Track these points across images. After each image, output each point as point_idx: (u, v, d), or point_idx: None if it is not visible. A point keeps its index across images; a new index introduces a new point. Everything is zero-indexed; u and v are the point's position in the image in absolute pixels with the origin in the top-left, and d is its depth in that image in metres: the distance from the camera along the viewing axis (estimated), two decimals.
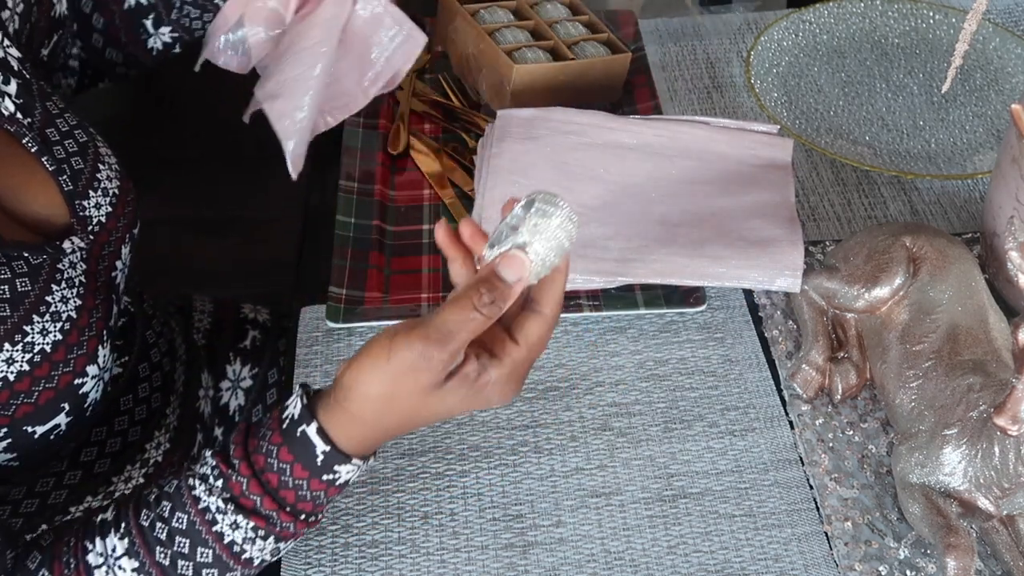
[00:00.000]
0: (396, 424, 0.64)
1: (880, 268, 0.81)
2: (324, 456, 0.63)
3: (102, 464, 0.83)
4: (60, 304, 0.70)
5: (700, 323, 0.89)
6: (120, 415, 0.84)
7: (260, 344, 1.07)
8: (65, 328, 0.70)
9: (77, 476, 0.81)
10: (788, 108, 1.09)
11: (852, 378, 0.82)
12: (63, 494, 0.80)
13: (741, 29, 1.21)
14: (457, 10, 1.07)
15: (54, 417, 0.71)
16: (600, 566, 0.74)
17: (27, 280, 0.69)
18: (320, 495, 0.65)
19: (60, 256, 0.72)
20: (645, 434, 0.81)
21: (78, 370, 0.72)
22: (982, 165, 1.02)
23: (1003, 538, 0.73)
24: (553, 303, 0.63)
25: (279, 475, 0.64)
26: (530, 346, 0.63)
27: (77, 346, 0.71)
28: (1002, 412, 0.65)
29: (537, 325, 0.63)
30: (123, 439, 0.84)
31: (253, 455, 0.65)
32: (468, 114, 1.07)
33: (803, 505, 0.77)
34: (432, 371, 0.60)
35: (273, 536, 0.65)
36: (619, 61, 1.05)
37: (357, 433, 0.64)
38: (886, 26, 1.20)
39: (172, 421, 0.90)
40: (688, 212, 0.91)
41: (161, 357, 0.90)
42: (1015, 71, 1.12)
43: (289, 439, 0.64)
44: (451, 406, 0.63)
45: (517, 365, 0.63)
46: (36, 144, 0.73)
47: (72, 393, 0.72)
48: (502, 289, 0.60)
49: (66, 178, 0.74)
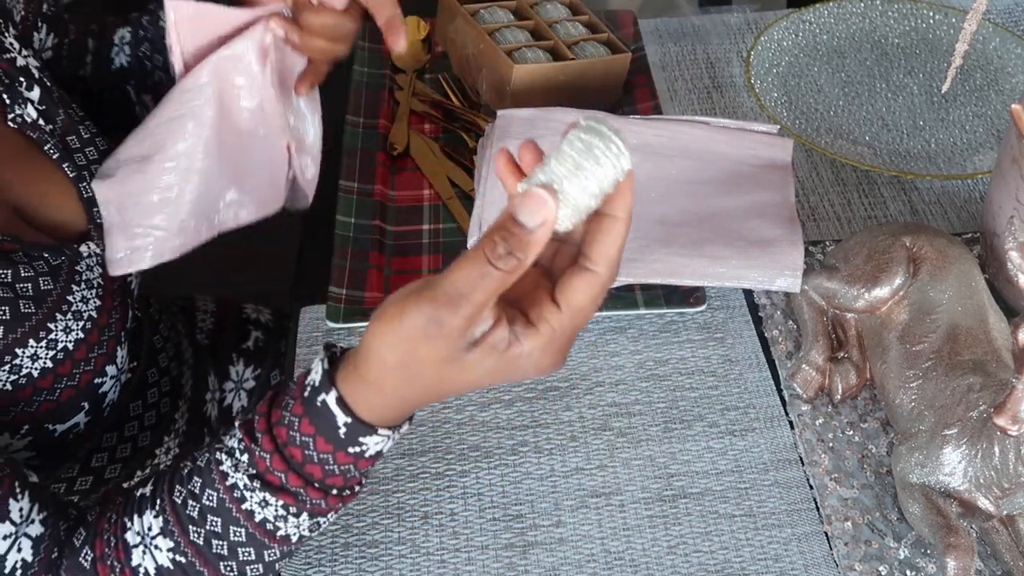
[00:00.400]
0: (419, 395, 0.57)
1: (880, 268, 0.81)
2: (347, 428, 0.57)
3: (113, 470, 0.83)
4: (81, 304, 0.71)
5: (700, 323, 0.89)
6: (130, 420, 0.85)
7: (263, 345, 1.07)
8: (87, 327, 0.71)
9: (88, 482, 0.81)
10: (788, 108, 1.09)
11: (852, 378, 0.82)
12: (75, 499, 0.81)
13: (741, 29, 1.21)
14: (457, 10, 1.07)
15: (74, 416, 0.72)
16: (600, 566, 0.74)
17: (49, 279, 0.70)
18: (350, 468, 0.60)
19: (77, 259, 0.73)
20: (645, 434, 0.81)
21: (98, 369, 0.73)
22: (982, 165, 1.02)
23: (1003, 538, 0.73)
24: (606, 259, 0.52)
25: (302, 449, 0.59)
26: (573, 312, 0.52)
27: (98, 345, 0.72)
28: (1002, 412, 0.65)
29: (585, 285, 0.52)
30: (133, 444, 0.85)
31: (276, 427, 0.60)
32: (468, 114, 1.07)
33: (803, 505, 0.77)
34: (447, 338, 0.52)
35: (306, 513, 0.61)
36: (619, 61, 1.05)
37: (379, 402, 0.57)
38: (886, 26, 1.20)
39: (181, 426, 0.90)
40: (688, 212, 0.91)
41: (168, 362, 0.90)
42: (1015, 71, 1.12)
43: (310, 409, 0.58)
44: (479, 377, 0.54)
45: (556, 334, 0.53)
46: (57, 151, 0.74)
47: (92, 392, 0.73)
48: (520, 236, 0.50)
49: (85, 185, 0.75)
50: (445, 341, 0.52)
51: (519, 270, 0.50)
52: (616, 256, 0.52)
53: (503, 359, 0.53)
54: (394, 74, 1.12)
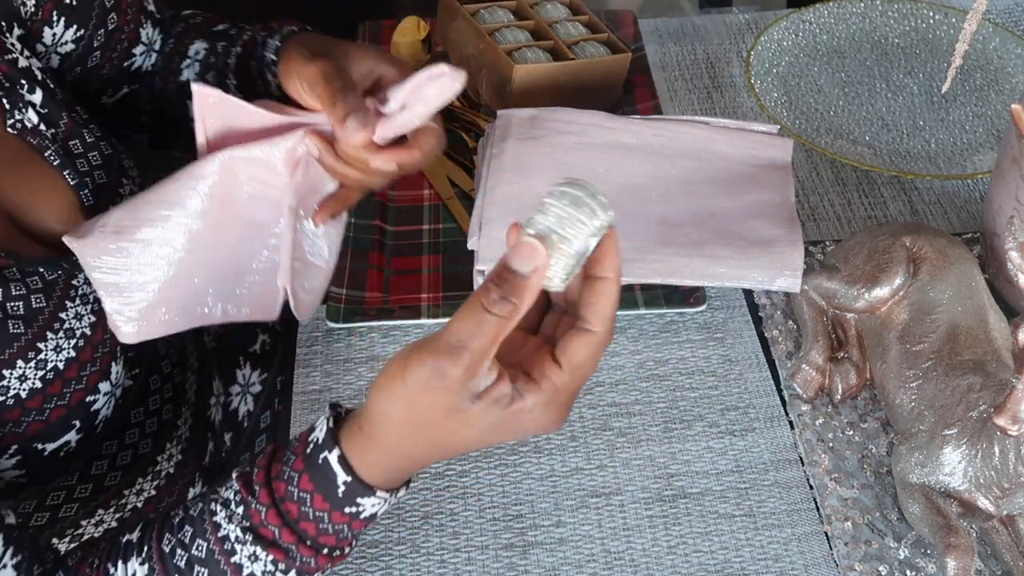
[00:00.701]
0: (423, 452, 0.57)
1: (880, 268, 0.81)
2: (346, 487, 0.58)
3: (113, 477, 0.82)
4: (74, 320, 0.69)
5: (700, 323, 0.89)
6: (131, 428, 0.83)
7: (269, 348, 1.07)
8: (79, 345, 0.69)
9: (88, 489, 0.80)
10: (788, 108, 1.09)
11: (852, 378, 0.82)
12: (74, 507, 0.79)
13: (741, 29, 1.21)
14: (457, 10, 1.07)
15: (64, 434, 0.70)
16: (600, 566, 0.74)
17: (41, 296, 0.68)
18: (343, 528, 0.60)
19: (75, 272, 0.71)
20: (645, 434, 0.81)
21: (90, 387, 0.71)
22: (982, 165, 1.02)
23: (1003, 538, 0.73)
24: (602, 319, 0.54)
25: (299, 505, 0.59)
26: (573, 368, 0.54)
27: (91, 363, 0.70)
28: (1002, 412, 0.65)
29: (583, 344, 0.54)
30: (134, 452, 0.83)
31: (275, 481, 0.60)
32: (468, 114, 1.07)
33: (803, 505, 0.77)
34: (449, 389, 0.52)
35: (294, 570, 0.60)
36: (619, 61, 1.05)
37: (381, 461, 0.58)
38: (886, 26, 1.20)
39: (184, 432, 0.89)
40: (688, 212, 0.91)
41: (172, 368, 0.89)
42: (1015, 71, 1.12)
43: (311, 466, 0.59)
44: (482, 432, 0.55)
45: (558, 391, 0.54)
46: (58, 157, 0.72)
47: (83, 410, 0.71)
48: (513, 282, 0.51)
49: (88, 192, 0.73)
50: (447, 393, 0.52)
51: (515, 315, 0.52)
52: (611, 314, 0.55)
53: (505, 414, 0.54)
54: None
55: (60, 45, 0.77)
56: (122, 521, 0.81)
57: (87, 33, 0.78)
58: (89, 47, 0.79)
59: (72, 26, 0.77)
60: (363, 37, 1.15)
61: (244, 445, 1.02)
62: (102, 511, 0.81)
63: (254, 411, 1.00)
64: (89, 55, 0.79)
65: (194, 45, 0.85)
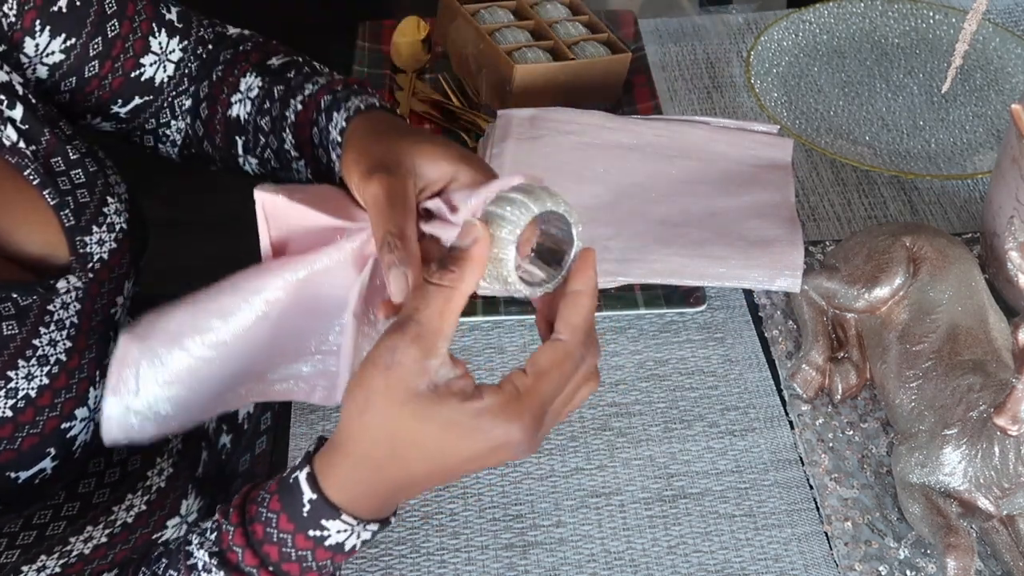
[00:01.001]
0: (385, 457, 0.55)
1: (880, 268, 0.81)
2: (310, 506, 0.56)
3: (101, 495, 0.80)
4: (48, 347, 0.67)
5: (700, 323, 0.89)
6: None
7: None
8: (53, 372, 0.67)
9: (75, 508, 0.78)
10: (788, 108, 1.09)
11: (852, 378, 0.82)
12: (62, 525, 0.77)
13: (741, 29, 1.21)
14: (457, 10, 1.08)
15: (39, 462, 0.68)
16: (600, 566, 0.74)
17: (14, 323, 0.65)
18: (307, 555, 0.57)
19: (52, 296, 0.68)
20: (645, 434, 0.81)
21: (66, 414, 0.68)
22: (982, 165, 1.02)
23: (1003, 538, 0.73)
24: (571, 328, 0.54)
25: (265, 526, 0.57)
26: (537, 372, 0.53)
27: (66, 390, 0.68)
28: (1002, 412, 0.65)
29: (549, 350, 0.54)
30: (122, 468, 0.81)
31: (248, 504, 0.59)
32: (468, 114, 1.07)
33: (803, 505, 0.77)
34: (402, 366, 0.51)
35: None
36: (619, 61, 1.05)
37: (350, 476, 0.56)
38: (886, 26, 1.20)
39: (176, 445, 0.87)
40: (688, 212, 0.91)
41: None
42: (1015, 71, 1.12)
43: (283, 486, 0.58)
44: (443, 432, 0.53)
45: (520, 394, 0.53)
46: (38, 176, 0.69)
47: (59, 437, 0.69)
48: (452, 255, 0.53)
49: (68, 212, 0.70)
50: (402, 371, 0.52)
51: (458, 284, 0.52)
52: (582, 326, 0.54)
53: (464, 412, 0.52)
54: (394, 74, 1.12)
55: (46, 56, 0.74)
56: (112, 536, 0.80)
57: (80, 42, 0.75)
58: (84, 56, 0.75)
59: (59, 35, 0.73)
60: (363, 37, 1.15)
61: (244, 446, 1.02)
62: (91, 527, 0.78)
63: (254, 412, 1.00)
64: (85, 64, 0.76)
65: (247, 79, 0.79)
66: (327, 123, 0.70)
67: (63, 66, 0.75)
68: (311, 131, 0.72)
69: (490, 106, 1.06)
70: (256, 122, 0.77)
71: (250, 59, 0.80)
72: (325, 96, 0.72)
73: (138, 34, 0.78)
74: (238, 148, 0.80)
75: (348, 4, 1.69)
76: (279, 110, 0.76)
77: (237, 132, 0.79)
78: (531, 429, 0.53)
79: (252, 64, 0.80)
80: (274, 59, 0.80)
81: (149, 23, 0.79)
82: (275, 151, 0.76)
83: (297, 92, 0.75)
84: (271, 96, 0.77)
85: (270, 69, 0.79)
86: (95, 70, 0.77)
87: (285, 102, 0.76)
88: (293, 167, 0.76)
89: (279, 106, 0.76)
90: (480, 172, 0.60)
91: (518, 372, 0.54)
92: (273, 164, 0.78)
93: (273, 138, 0.76)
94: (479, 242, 0.52)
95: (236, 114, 0.79)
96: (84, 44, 0.75)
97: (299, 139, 0.74)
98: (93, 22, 0.75)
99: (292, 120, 0.74)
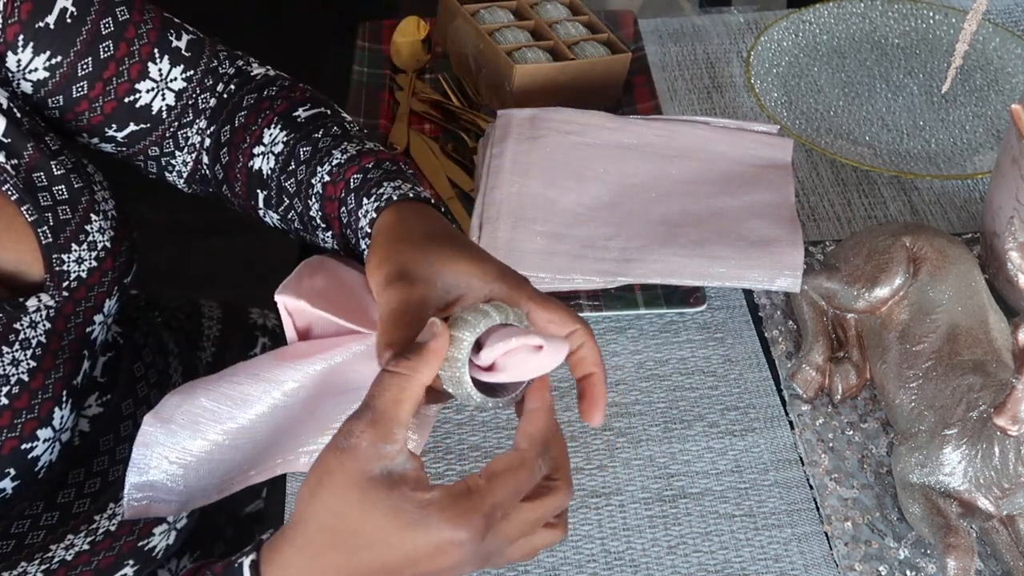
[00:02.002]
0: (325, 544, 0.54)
1: (880, 268, 0.81)
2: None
3: (82, 504, 0.78)
4: (10, 367, 0.66)
5: (700, 323, 0.89)
6: (99, 456, 0.80)
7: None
8: (13, 392, 0.66)
9: (55, 518, 0.76)
10: (788, 108, 1.09)
11: (852, 378, 0.82)
12: (41, 534, 0.76)
13: (741, 29, 1.21)
14: (457, 10, 1.08)
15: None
16: (600, 566, 0.74)
17: None
18: None
19: (20, 315, 0.67)
20: (645, 434, 0.81)
21: (26, 435, 0.67)
22: (982, 165, 1.02)
23: (1003, 538, 0.73)
24: (527, 438, 0.55)
25: None
26: (489, 475, 0.53)
27: (27, 410, 0.67)
28: (1002, 412, 0.65)
29: (505, 458, 0.54)
30: (103, 479, 0.80)
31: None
32: (468, 114, 1.07)
33: (803, 505, 0.77)
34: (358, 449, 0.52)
35: None
36: (619, 61, 1.05)
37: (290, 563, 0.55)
38: (886, 26, 1.20)
39: None
40: (688, 212, 0.91)
41: (149, 390, 0.85)
42: (1015, 71, 1.12)
43: (227, 570, 0.57)
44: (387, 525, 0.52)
45: (470, 492, 0.52)
46: (16, 192, 0.67)
47: (18, 458, 0.67)
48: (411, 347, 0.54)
49: (46, 229, 0.68)
50: (355, 454, 0.52)
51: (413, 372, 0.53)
52: (539, 438, 0.55)
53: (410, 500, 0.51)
54: (394, 74, 1.12)
55: (28, 72, 0.71)
56: (94, 543, 0.79)
57: (66, 60, 0.72)
58: (71, 76, 0.72)
59: (44, 52, 0.71)
60: (363, 37, 1.14)
61: None
62: (72, 536, 0.77)
63: None
64: (72, 84, 0.73)
65: (271, 130, 0.75)
66: (356, 208, 0.66)
67: (47, 84, 0.72)
68: (339, 209, 0.69)
69: (490, 106, 1.06)
70: (280, 182, 0.73)
71: (275, 107, 0.76)
72: (355, 175, 0.68)
73: (135, 58, 0.75)
74: (259, 201, 0.76)
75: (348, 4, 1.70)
76: (305, 175, 0.72)
77: (259, 186, 0.75)
78: (478, 531, 0.52)
79: (277, 114, 0.75)
80: (300, 110, 0.75)
81: (150, 48, 0.75)
82: (299, 214, 0.73)
83: (324, 160, 0.70)
84: (296, 157, 0.72)
85: (296, 122, 0.74)
86: (84, 91, 0.73)
87: (311, 169, 0.71)
88: (320, 236, 0.73)
89: (305, 170, 0.72)
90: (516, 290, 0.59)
91: (472, 475, 0.54)
92: (297, 225, 0.74)
93: (298, 202, 0.72)
94: (437, 337, 0.54)
95: (259, 167, 0.75)
96: (71, 63, 0.72)
97: (326, 213, 0.70)
98: (84, 41, 0.72)
99: (319, 191, 0.70)
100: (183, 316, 1.04)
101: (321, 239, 0.73)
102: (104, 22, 0.73)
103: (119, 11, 0.73)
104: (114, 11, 0.73)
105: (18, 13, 0.69)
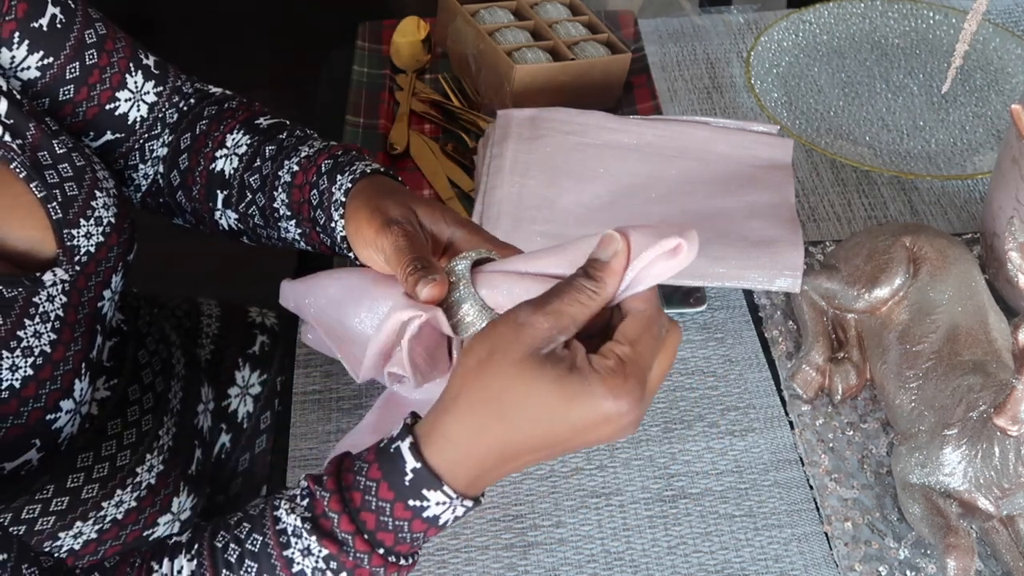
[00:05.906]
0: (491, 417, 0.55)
1: (880, 268, 0.81)
2: (413, 475, 0.55)
3: (90, 490, 0.79)
4: (33, 339, 0.67)
5: (700, 323, 0.89)
6: (107, 440, 0.81)
7: (269, 349, 1.07)
8: (37, 363, 0.67)
9: (64, 503, 0.78)
10: (788, 108, 1.09)
11: (852, 378, 0.82)
12: (51, 519, 0.77)
13: (741, 29, 1.21)
14: (457, 10, 1.08)
15: (24, 453, 0.69)
16: (600, 566, 0.74)
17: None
18: (404, 526, 0.56)
19: (38, 289, 0.68)
20: (645, 434, 0.81)
21: (50, 405, 0.69)
22: (982, 165, 1.02)
23: (1003, 538, 0.73)
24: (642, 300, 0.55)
25: (364, 493, 0.56)
26: (632, 341, 0.54)
27: (50, 381, 0.68)
28: (1002, 412, 0.65)
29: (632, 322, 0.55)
30: (111, 464, 0.81)
31: (344, 473, 0.58)
32: (468, 114, 1.07)
33: (803, 505, 0.77)
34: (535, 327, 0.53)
35: (345, 572, 0.57)
36: (619, 61, 1.05)
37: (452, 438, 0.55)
38: (886, 26, 1.20)
39: (167, 442, 0.86)
40: (688, 212, 0.91)
41: (154, 377, 0.87)
42: (1015, 71, 1.12)
43: (382, 455, 0.57)
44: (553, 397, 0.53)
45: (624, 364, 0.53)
46: (25, 169, 0.69)
47: (44, 429, 0.69)
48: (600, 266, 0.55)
49: (56, 205, 0.70)
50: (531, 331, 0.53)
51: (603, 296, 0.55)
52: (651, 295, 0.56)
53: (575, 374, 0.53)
54: (394, 74, 1.12)
55: (21, 69, 0.73)
56: (101, 532, 0.80)
57: (57, 63, 0.74)
58: (60, 77, 0.75)
59: (37, 52, 0.73)
60: (363, 37, 1.15)
61: (243, 445, 1.02)
62: (80, 523, 0.79)
63: (254, 412, 1.00)
64: (60, 87, 0.75)
65: (233, 135, 0.79)
66: (330, 185, 0.72)
67: (37, 84, 0.74)
68: (310, 192, 0.73)
69: (490, 106, 1.06)
70: (244, 179, 0.77)
71: (237, 116, 0.80)
72: (326, 160, 0.73)
73: (115, 68, 0.78)
74: (217, 202, 0.79)
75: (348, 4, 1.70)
76: (271, 169, 0.76)
77: (220, 186, 0.79)
78: (638, 399, 0.53)
79: (239, 121, 0.80)
80: (262, 119, 0.80)
81: (127, 61, 0.79)
82: (260, 208, 0.77)
83: (292, 154, 0.75)
84: (261, 155, 0.77)
85: (259, 128, 0.79)
86: (70, 94, 0.76)
87: (278, 163, 0.76)
88: (281, 225, 0.76)
89: (271, 165, 0.76)
90: (476, 236, 0.66)
91: (611, 343, 0.54)
92: (256, 220, 0.78)
93: (261, 196, 0.76)
94: (618, 255, 0.55)
95: (220, 168, 0.78)
96: (61, 66, 0.74)
97: (293, 200, 0.74)
98: (72, 47, 0.75)
99: (287, 180, 0.74)
100: (182, 314, 1.04)
101: (282, 229, 0.76)
102: (87, 32, 0.76)
103: (97, 26, 0.77)
104: (93, 25, 0.76)
105: (15, 11, 0.71)
